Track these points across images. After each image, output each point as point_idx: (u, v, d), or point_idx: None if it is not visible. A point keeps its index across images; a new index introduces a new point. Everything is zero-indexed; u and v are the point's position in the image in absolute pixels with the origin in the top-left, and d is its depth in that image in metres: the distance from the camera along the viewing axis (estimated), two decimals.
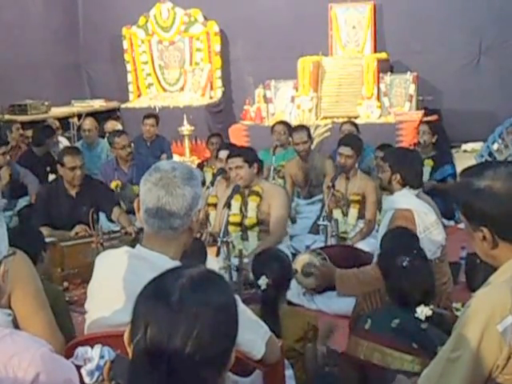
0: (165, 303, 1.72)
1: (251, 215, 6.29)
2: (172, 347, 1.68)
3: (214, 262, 5.42)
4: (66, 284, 6.34)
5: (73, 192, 6.90)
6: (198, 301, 1.72)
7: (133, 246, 2.80)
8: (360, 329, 3.56)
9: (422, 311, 3.44)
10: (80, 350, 2.12)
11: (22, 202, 8.07)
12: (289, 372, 3.68)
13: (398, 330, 3.39)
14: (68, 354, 2.50)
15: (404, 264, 3.65)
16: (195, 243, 4.85)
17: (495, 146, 7.92)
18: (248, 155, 6.31)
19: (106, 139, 10.63)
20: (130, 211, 6.84)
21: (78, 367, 2.19)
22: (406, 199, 5.20)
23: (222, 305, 1.77)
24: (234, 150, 6.64)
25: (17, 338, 2.22)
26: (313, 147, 9.08)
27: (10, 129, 9.90)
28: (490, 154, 8.02)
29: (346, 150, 6.84)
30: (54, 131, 9.90)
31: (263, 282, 4.04)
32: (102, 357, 2.10)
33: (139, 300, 1.79)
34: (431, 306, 3.48)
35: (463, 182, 2.44)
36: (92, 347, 2.13)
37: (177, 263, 2.58)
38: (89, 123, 10.42)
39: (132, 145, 8.39)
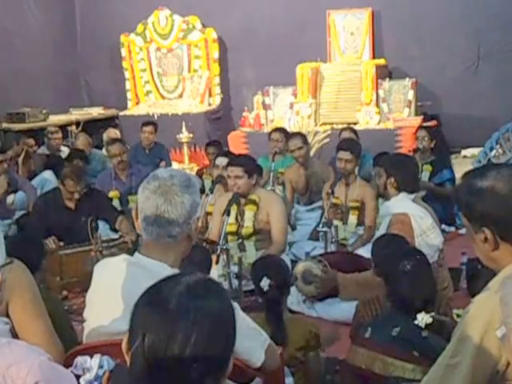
0: (162, 311, 1.71)
1: (248, 225, 6.23)
2: (170, 355, 1.67)
3: (213, 270, 5.41)
4: (65, 293, 6.33)
5: (71, 204, 6.91)
6: (195, 308, 1.72)
7: (131, 255, 2.79)
8: (360, 338, 3.54)
9: (423, 318, 3.42)
10: (79, 360, 2.12)
11: (21, 211, 8.06)
12: (289, 380, 3.67)
13: (399, 339, 3.37)
14: (67, 362, 2.49)
15: (406, 269, 3.64)
16: (200, 251, 4.85)
17: (493, 153, 7.90)
18: (249, 166, 6.23)
19: (103, 150, 10.67)
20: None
21: (78, 376, 2.17)
22: (401, 203, 5.22)
23: (219, 312, 1.77)
24: (236, 159, 6.54)
25: (15, 347, 2.21)
26: (312, 154, 9.09)
27: (16, 140, 9.85)
28: (488, 161, 8.00)
29: (345, 155, 6.84)
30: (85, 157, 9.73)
31: (265, 283, 4.04)
32: (101, 367, 2.10)
33: (137, 308, 1.78)
34: (432, 314, 3.45)
35: (465, 182, 2.44)
36: (91, 356, 2.12)
37: (176, 271, 2.58)
38: (81, 140, 10.41)
39: (125, 154, 8.29)
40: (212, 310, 1.74)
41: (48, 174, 8.92)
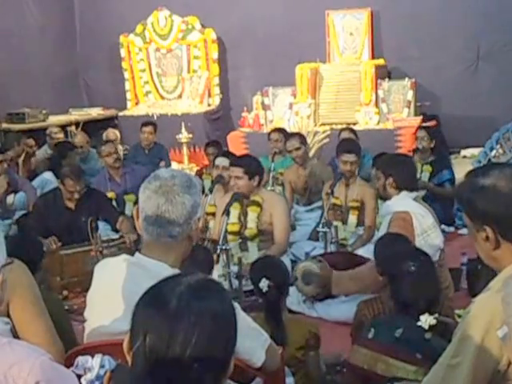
0: (163, 311, 1.72)
1: (251, 226, 6.21)
2: (171, 355, 1.67)
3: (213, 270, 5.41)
4: (65, 293, 6.34)
5: (71, 204, 6.91)
6: (196, 308, 1.72)
7: (132, 255, 2.79)
8: (363, 338, 3.51)
9: (426, 320, 3.38)
10: (80, 359, 2.12)
11: (21, 212, 8.07)
12: (289, 380, 3.67)
13: (402, 340, 3.34)
14: (68, 362, 2.49)
15: (410, 270, 3.61)
16: (202, 252, 4.85)
17: (493, 153, 7.89)
18: (250, 167, 6.18)
19: None
20: None
21: (79, 376, 2.17)
22: (402, 202, 5.24)
23: (220, 312, 1.76)
24: (238, 160, 6.53)
25: (16, 346, 2.21)
26: (311, 154, 9.09)
27: (17, 140, 9.84)
28: (488, 161, 8.00)
29: (350, 157, 6.85)
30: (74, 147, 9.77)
31: (264, 284, 4.04)
32: (102, 366, 2.10)
33: (138, 308, 1.78)
34: (435, 315, 3.42)
35: (468, 180, 2.44)
36: (92, 356, 2.12)
37: (176, 271, 2.58)
38: (79, 138, 10.40)
39: (119, 152, 8.28)
40: (213, 310, 1.74)
41: (48, 175, 8.93)
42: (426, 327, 3.37)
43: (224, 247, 5.61)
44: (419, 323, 3.39)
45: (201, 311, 1.71)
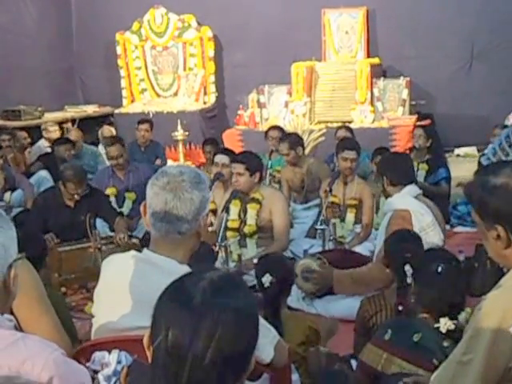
0: (186, 306, 1.70)
1: (251, 223, 6.22)
2: (193, 350, 1.66)
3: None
4: (63, 289, 6.32)
5: (71, 203, 6.91)
6: (219, 304, 1.70)
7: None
8: (379, 338, 3.43)
9: (446, 323, 3.30)
10: (97, 355, 2.12)
11: (18, 208, 8.07)
12: (295, 377, 3.69)
13: (420, 345, 3.27)
14: (79, 357, 2.49)
15: (439, 271, 3.56)
16: (203, 247, 4.85)
17: (501, 146, 7.90)
18: (251, 164, 6.20)
19: (99, 146, 10.69)
20: None
21: (96, 371, 2.18)
22: (403, 200, 5.32)
23: (243, 308, 1.74)
24: (239, 156, 6.55)
25: (29, 342, 2.21)
26: (307, 152, 9.10)
27: None
28: (494, 154, 8.01)
29: (351, 154, 6.87)
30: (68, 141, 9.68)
31: (267, 279, 4.05)
32: (119, 362, 2.10)
33: (159, 303, 1.76)
34: (455, 321, 3.36)
35: (479, 179, 2.42)
36: (109, 352, 2.12)
37: (185, 267, 2.56)
38: (74, 134, 10.36)
39: (124, 154, 8.17)
40: (237, 305, 1.72)
41: (45, 172, 8.91)
42: (444, 331, 3.32)
43: (223, 244, 5.63)
44: (437, 325, 3.35)
45: (224, 307, 1.70)
